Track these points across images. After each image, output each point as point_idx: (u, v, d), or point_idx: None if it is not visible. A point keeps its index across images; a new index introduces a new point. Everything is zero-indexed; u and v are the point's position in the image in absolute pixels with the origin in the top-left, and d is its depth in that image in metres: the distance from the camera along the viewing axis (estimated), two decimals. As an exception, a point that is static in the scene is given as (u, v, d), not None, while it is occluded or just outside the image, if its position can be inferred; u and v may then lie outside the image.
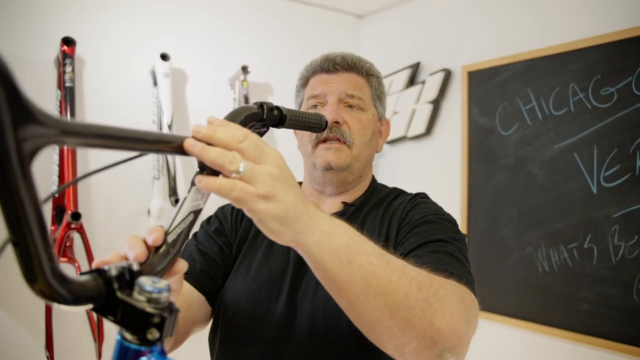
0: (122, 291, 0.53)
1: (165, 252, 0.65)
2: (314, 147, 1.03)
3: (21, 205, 0.44)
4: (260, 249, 1.04)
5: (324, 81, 1.05)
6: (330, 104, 1.02)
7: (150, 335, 0.53)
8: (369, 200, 1.06)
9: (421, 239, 0.89)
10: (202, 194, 0.66)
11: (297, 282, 0.98)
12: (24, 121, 0.43)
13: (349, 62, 1.05)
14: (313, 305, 0.94)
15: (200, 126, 0.61)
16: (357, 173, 1.05)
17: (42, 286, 0.48)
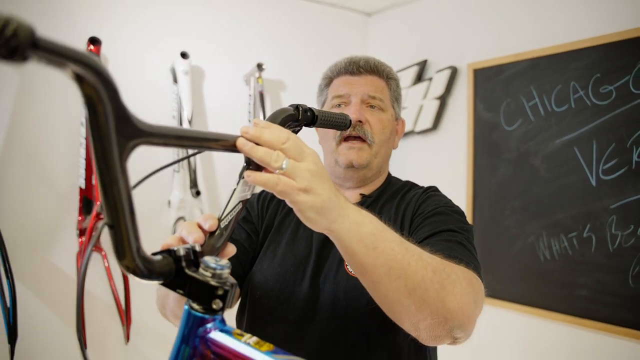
0: (189, 268, 0.64)
1: (219, 235, 0.76)
2: (337, 144, 1.11)
3: (118, 194, 0.54)
4: (285, 236, 1.12)
5: (348, 82, 1.13)
6: (354, 104, 1.10)
7: (215, 305, 0.63)
8: (385, 193, 1.15)
9: (433, 228, 0.98)
10: (249, 186, 0.76)
11: (320, 266, 1.06)
12: (125, 128, 0.54)
13: (371, 65, 1.14)
14: (335, 287, 1.03)
15: (249, 127, 0.70)
16: (375, 169, 1.14)
17: (128, 262, 0.58)
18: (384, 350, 1.01)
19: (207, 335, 0.65)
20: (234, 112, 2.42)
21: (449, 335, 0.80)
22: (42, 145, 1.99)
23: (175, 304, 0.93)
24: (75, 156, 2.02)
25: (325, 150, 1.17)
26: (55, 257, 2.00)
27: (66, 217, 2.02)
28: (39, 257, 1.98)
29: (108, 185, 0.54)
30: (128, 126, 0.55)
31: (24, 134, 1.95)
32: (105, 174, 0.53)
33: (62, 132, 2.02)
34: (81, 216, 2.02)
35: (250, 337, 0.65)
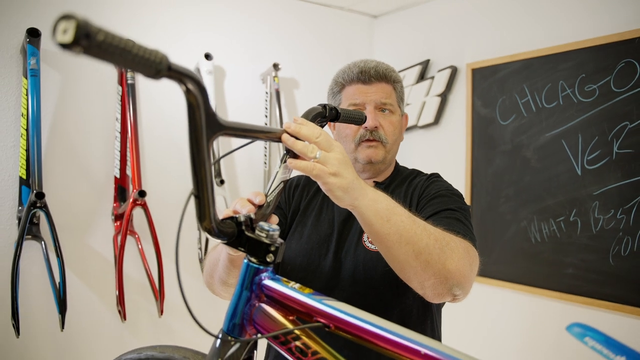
0: (248, 231, 0.84)
1: (267, 207, 0.97)
2: (357, 145, 1.28)
3: (204, 172, 0.74)
4: (310, 218, 1.31)
5: (362, 91, 1.28)
6: (369, 111, 1.26)
7: (268, 258, 0.84)
8: (394, 180, 1.33)
9: (435, 208, 1.16)
10: (288, 169, 0.97)
11: (341, 243, 1.25)
12: (211, 123, 0.73)
13: (381, 73, 1.29)
14: (355, 260, 1.21)
15: (290, 123, 0.91)
16: (388, 163, 1.32)
17: (207, 224, 0.78)
18: (397, 310, 1.19)
19: (262, 282, 0.86)
20: (252, 109, 2.62)
21: (449, 292, 0.96)
22: (81, 139, 2.19)
23: (224, 270, 1.08)
24: (111, 149, 2.23)
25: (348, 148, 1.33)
26: (93, 239, 2.21)
27: (103, 204, 2.23)
28: (79, 240, 2.18)
29: (198, 165, 0.74)
30: (213, 122, 0.75)
31: (66, 130, 2.15)
32: (197, 156, 0.73)
33: (99, 128, 2.22)
34: (116, 203, 2.22)
35: (295, 284, 0.86)
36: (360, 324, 0.80)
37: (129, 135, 2.15)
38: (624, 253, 1.96)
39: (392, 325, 0.77)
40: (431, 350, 0.70)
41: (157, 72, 0.61)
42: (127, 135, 2.17)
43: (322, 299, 0.83)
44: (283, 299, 0.85)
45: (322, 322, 0.82)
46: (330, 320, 0.81)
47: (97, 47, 0.51)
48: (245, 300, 0.87)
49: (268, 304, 0.87)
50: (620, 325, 1.99)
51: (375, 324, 0.79)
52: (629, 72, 1.94)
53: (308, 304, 0.83)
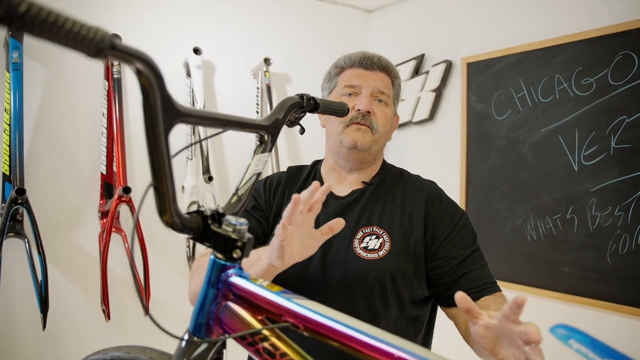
0: (214, 225, 0.79)
1: (237, 201, 0.92)
2: (345, 127, 1.21)
3: (163, 162, 0.69)
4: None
5: (361, 75, 1.23)
6: (364, 95, 1.21)
7: (235, 254, 0.79)
8: (384, 180, 1.26)
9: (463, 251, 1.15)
10: (261, 161, 0.93)
11: (328, 248, 1.17)
12: (169, 109, 0.69)
13: (383, 64, 1.24)
14: (344, 267, 1.15)
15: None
16: (373, 155, 1.24)
17: (168, 218, 0.73)
18: (384, 322, 1.14)
19: (228, 280, 0.81)
20: (242, 104, 2.58)
21: None
22: (67, 135, 2.16)
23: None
24: (97, 145, 2.19)
25: (329, 132, 1.27)
26: (80, 237, 2.17)
27: (89, 200, 2.19)
28: (65, 237, 2.15)
29: (155, 154, 0.69)
30: (171, 108, 0.70)
31: (51, 125, 2.12)
32: (153, 145, 0.68)
33: (85, 123, 2.18)
34: (103, 200, 2.18)
35: (264, 281, 0.81)
36: (331, 324, 0.75)
37: (114, 130, 2.11)
38: (621, 251, 1.91)
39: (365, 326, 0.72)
40: (405, 352, 0.66)
41: (99, 52, 0.55)
42: (113, 130, 2.13)
43: (292, 297, 0.79)
44: (251, 297, 0.81)
45: (291, 321, 0.77)
46: (299, 319, 0.77)
47: (19, 19, 0.46)
48: (211, 298, 0.83)
49: (235, 303, 0.82)
50: (618, 326, 1.94)
51: (347, 325, 0.74)
52: (626, 65, 1.89)
53: (276, 302, 0.79)
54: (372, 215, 1.20)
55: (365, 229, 1.18)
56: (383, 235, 1.17)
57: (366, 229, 1.18)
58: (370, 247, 1.16)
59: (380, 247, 1.15)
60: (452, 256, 1.14)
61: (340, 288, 1.14)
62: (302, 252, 1.00)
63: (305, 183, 1.29)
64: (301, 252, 1.00)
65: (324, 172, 1.31)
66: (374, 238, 1.17)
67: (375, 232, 1.18)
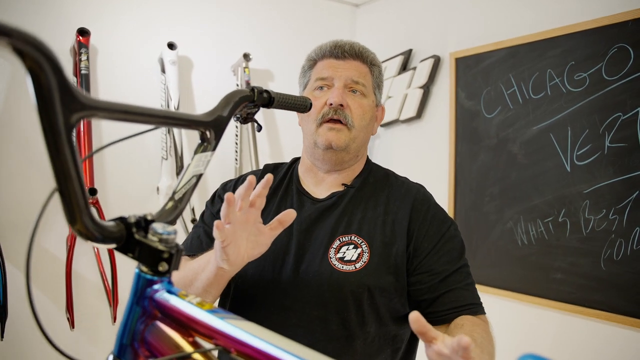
0: (139, 234, 0.69)
1: (173, 207, 0.81)
2: (317, 126, 1.11)
3: (65, 162, 0.59)
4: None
5: (332, 66, 1.13)
6: (337, 87, 1.11)
7: (161, 267, 0.69)
8: (367, 182, 1.16)
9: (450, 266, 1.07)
10: (202, 161, 0.82)
11: (301, 256, 1.08)
12: (69, 101, 0.58)
13: (356, 51, 1.14)
14: (318, 278, 1.05)
15: None
16: (353, 153, 1.14)
17: (80, 227, 0.63)
18: (360, 340, 1.05)
19: (154, 296, 0.71)
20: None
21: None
22: (33, 133, 2.05)
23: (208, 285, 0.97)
24: (66, 144, 2.08)
25: (305, 132, 1.18)
26: (47, 240, 2.07)
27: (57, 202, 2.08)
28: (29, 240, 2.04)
29: (54, 153, 0.58)
30: (72, 99, 0.60)
31: (16, 123, 2.02)
32: (52, 142, 0.58)
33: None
34: (71, 202, 2.07)
35: (194, 298, 0.71)
36: (267, 349, 0.64)
37: (81, 128, 2.01)
38: (616, 257, 1.80)
39: (308, 351, 0.62)
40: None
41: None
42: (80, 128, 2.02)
43: (225, 317, 0.69)
44: (179, 316, 0.70)
45: (221, 345, 0.67)
46: (231, 342, 0.66)
47: None
48: (136, 317, 0.73)
49: (163, 322, 0.72)
50: (612, 337, 1.83)
51: (288, 351, 0.63)
52: (621, 59, 1.78)
53: (207, 323, 0.68)
54: (351, 222, 1.10)
55: (342, 237, 1.09)
56: (362, 244, 1.08)
57: (343, 238, 1.09)
58: (346, 258, 1.06)
59: (358, 258, 1.06)
60: (436, 272, 1.06)
61: (313, 302, 1.05)
62: (251, 250, 0.93)
63: (281, 183, 1.20)
64: (250, 251, 0.93)
65: (301, 172, 1.21)
66: (351, 248, 1.07)
67: (353, 241, 1.08)
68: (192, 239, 1.17)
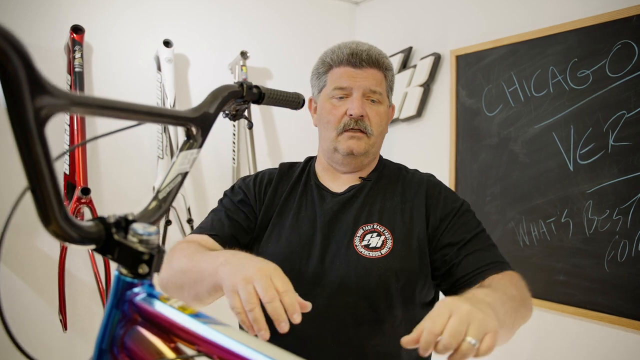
0: (118, 234, 0.66)
1: (157, 207, 0.78)
2: (338, 134, 1.15)
3: (37, 159, 0.55)
4: (287, 219, 1.18)
5: (351, 75, 1.14)
6: (356, 98, 1.13)
7: (141, 269, 0.65)
8: (383, 176, 1.21)
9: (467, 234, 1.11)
10: (188, 159, 0.79)
11: (326, 246, 1.12)
12: (39, 92, 0.55)
13: (373, 59, 1.15)
14: (346, 266, 1.09)
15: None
16: (371, 157, 1.20)
17: (55, 227, 0.59)
18: (388, 324, 1.09)
19: (134, 299, 0.67)
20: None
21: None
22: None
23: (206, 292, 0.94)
24: (60, 142, 2.05)
25: (323, 135, 1.20)
26: (41, 241, 2.04)
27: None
28: (26, 241, 2.01)
29: (25, 150, 0.55)
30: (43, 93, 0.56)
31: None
32: (21, 138, 0.54)
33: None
34: (66, 201, 2.05)
35: (176, 302, 0.67)
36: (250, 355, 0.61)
37: (75, 128, 1.98)
38: (620, 259, 1.76)
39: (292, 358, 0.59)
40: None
41: None
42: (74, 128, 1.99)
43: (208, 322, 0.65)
44: (160, 320, 0.67)
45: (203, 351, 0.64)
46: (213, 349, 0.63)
47: None
48: (115, 321, 0.70)
49: (144, 327, 0.69)
50: (615, 340, 1.79)
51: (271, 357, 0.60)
52: (625, 55, 1.74)
53: (188, 328, 0.65)
54: (371, 213, 1.15)
55: (365, 227, 1.14)
56: (384, 232, 1.13)
57: (366, 227, 1.14)
58: (372, 245, 1.12)
59: (382, 244, 1.11)
60: (455, 242, 1.10)
61: (341, 289, 1.10)
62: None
63: (298, 180, 1.24)
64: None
65: (318, 170, 1.26)
66: (375, 236, 1.13)
67: (376, 229, 1.13)
68: (214, 220, 1.18)
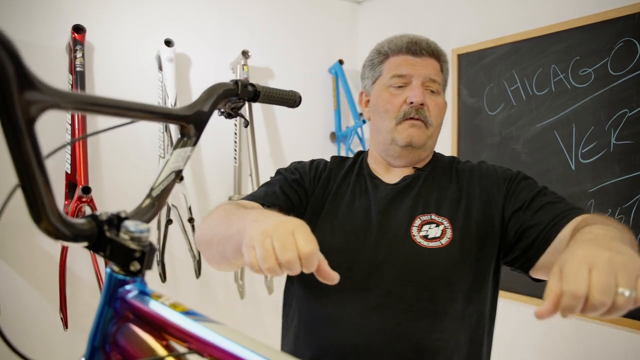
0: (111, 232, 0.66)
1: (151, 204, 0.78)
2: (397, 124, 1.10)
3: (27, 156, 0.56)
4: (340, 208, 1.14)
5: (410, 63, 1.10)
6: (416, 86, 1.08)
7: (132, 267, 0.65)
8: (436, 167, 1.16)
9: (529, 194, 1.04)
10: (182, 157, 0.79)
11: (382, 236, 1.07)
12: (28, 89, 0.55)
13: (432, 48, 1.11)
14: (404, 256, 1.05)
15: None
16: (428, 150, 1.15)
17: (47, 225, 0.60)
18: (449, 317, 1.04)
19: (126, 297, 0.68)
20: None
21: None
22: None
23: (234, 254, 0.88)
24: (62, 141, 2.06)
25: (377, 127, 1.16)
26: (43, 240, 2.05)
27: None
28: (27, 240, 2.02)
29: (15, 147, 0.55)
30: (32, 90, 0.56)
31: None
32: (11, 136, 0.54)
33: (48, 120, 2.05)
34: (67, 200, 2.06)
35: (168, 299, 0.68)
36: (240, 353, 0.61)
37: (77, 126, 1.98)
38: (622, 257, 1.74)
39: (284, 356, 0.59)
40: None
41: None
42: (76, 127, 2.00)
43: (199, 320, 0.66)
44: (152, 318, 0.67)
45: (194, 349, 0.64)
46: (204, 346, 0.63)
47: None
48: (107, 319, 0.71)
49: (136, 324, 0.69)
50: (618, 340, 1.78)
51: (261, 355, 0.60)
52: (628, 53, 1.72)
53: (179, 325, 0.65)
54: (428, 203, 1.10)
55: (422, 217, 1.08)
56: (443, 222, 1.07)
57: (423, 217, 1.08)
58: (431, 236, 1.06)
59: (442, 235, 1.06)
60: (519, 207, 1.04)
61: (399, 281, 1.04)
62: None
63: (350, 171, 1.19)
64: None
65: (370, 162, 1.20)
66: (433, 226, 1.07)
67: (434, 220, 1.08)
68: (267, 192, 1.15)
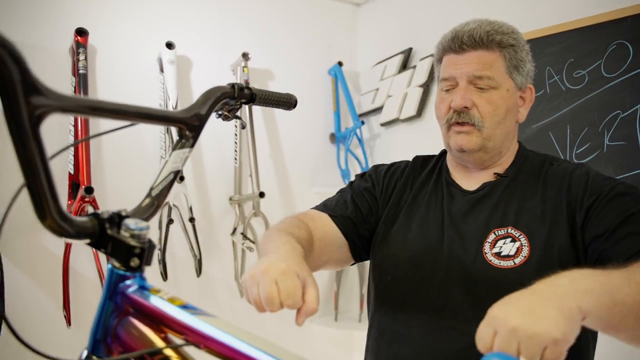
0: (112, 229, 0.69)
1: (150, 203, 0.81)
2: (447, 129, 1.06)
3: (32, 157, 0.59)
4: (414, 219, 1.09)
5: (452, 63, 1.04)
6: (460, 88, 1.02)
7: (132, 262, 0.69)
8: (522, 171, 1.06)
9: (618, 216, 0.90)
10: (180, 158, 0.82)
11: (453, 252, 1.01)
12: (33, 94, 0.58)
13: (476, 39, 1.01)
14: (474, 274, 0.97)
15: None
16: (492, 152, 1.05)
17: (50, 222, 0.63)
18: None
19: (127, 291, 0.71)
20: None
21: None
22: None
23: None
24: (65, 143, 2.09)
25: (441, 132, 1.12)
26: (46, 239, 2.08)
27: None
28: (31, 240, 2.05)
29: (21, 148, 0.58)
30: (37, 95, 0.59)
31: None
32: (17, 137, 0.58)
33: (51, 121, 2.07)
34: (70, 200, 2.09)
35: (166, 294, 0.71)
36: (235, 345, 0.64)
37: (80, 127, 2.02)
38: (615, 257, 1.77)
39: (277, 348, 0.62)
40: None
41: None
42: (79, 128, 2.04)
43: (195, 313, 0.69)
44: (151, 312, 0.71)
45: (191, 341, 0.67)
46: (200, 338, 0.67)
47: None
48: (108, 312, 0.75)
49: (136, 318, 0.73)
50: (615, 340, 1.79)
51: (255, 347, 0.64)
52: (620, 55, 1.75)
53: (177, 319, 0.69)
54: (506, 214, 1.00)
55: (498, 231, 0.99)
56: (520, 237, 0.97)
57: (499, 231, 0.99)
58: (504, 253, 0.97)
59: (517, 253, 0.96)
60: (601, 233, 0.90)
61: (468, 302, 0.97)
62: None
63: (429, 177, 1.15)
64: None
65: (450, 165, 1.15)
66: (509, 242, 0.97)
67: (510, 234, 0.98)
68: (338, 201, 1.13)
